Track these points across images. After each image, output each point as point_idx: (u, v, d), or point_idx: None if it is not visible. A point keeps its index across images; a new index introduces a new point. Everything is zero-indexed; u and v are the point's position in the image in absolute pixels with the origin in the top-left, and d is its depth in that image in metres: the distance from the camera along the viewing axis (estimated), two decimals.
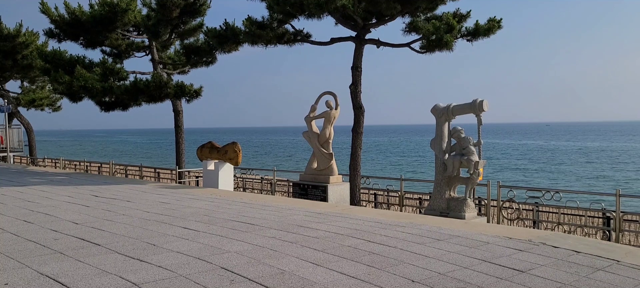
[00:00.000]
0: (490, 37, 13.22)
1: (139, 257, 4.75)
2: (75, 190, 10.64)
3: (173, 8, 15.57)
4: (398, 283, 3.97)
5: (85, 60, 17.04)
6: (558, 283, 3.99)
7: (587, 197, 14.29)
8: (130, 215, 7.26)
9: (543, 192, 9.92)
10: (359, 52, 13.05)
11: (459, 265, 4.48)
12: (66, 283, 3.91)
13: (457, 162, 9.14)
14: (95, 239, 5.57)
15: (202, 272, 4.22)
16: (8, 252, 4.95)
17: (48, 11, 16.63)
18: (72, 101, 16.86)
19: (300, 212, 7.51)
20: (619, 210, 8.85)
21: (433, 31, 12.53)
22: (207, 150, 12.44)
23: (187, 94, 16.18)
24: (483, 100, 8.98)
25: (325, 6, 11.54)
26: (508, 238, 5.66)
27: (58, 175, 15.11)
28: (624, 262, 4.65)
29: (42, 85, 25.53)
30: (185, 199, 9.17)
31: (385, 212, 8.64)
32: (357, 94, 12.88)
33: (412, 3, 12.28)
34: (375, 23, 13.33)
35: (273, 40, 13.20)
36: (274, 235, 5.76)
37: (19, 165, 22.33)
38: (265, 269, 4.31)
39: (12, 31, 21.90)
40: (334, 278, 4.08)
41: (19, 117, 25.38)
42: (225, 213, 7.42)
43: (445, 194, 9.35)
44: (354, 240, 5.52)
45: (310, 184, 11.79)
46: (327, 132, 11.83)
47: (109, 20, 15.61)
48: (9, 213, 7.48)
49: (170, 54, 19.00)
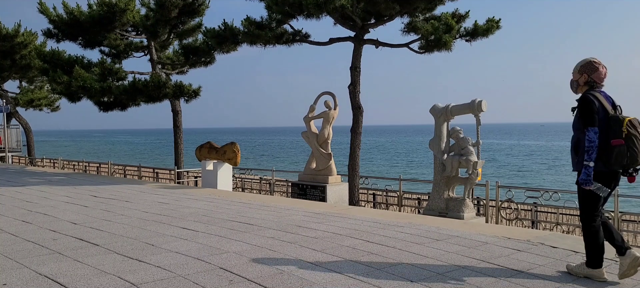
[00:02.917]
0: (488, 37, 13.24)
1: (137, 257, 4.75)
2: (73, 191, 10.63)
3: (172, 8, 15.55)
4: (397, 283, 3.97)
5: (84, 60, 17.01)
6: (557, 283, 4.00)
7: None
8: (129, 216, 7.26)
9: (541, 192, 9.94)
10: (358, 52, 13.05)
11: (458, 266, 4.49)
12: (65, 283, 3.91)
13: (455, 162, 9.15)
14: (94, 239, 5.57)
15: (201, 272, 4.22)
16: (6, 252, 4.95)
17: (46, 11, 16.60)
18: (71, 101, 16.82)
19: (299, 212, 7.51)
20: (617, 211, 8.86)
21: (432, 31, 12.55)
22: (206, 151, 12.44)
23: (185, 94, 16.15)
24: (482, 100, 8.99)
25: (324, 6, 11.54)
26: (507, 238, 5.67)
27: (56, 175, 15.09)
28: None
29: (41, 85, 25.49)
30: (184, 199, 9.16)
31: (384, 212, 8.64)
32: (356, 94, 12.88)
33: (411, 3, 12.29)
34: (374, 23, 13.34)
35: (272, 40, 13.19)
36: (272, 236, 5.76)
37: (18, 165, 22.30)
38: (264, 269, 4.31)
39: (11, 31, 21.86)
40: (333, 278, 4.08)
41: (17, 117, 25.34)
42: (224, 214, 7.42)
43: (444, 194, 9.36)
44: (353, 240, 5.53)
45: (309, 184, 11.79)
46: (326, 132, 11.84)
47: (108, 20, 15.58)
48: (7, 214, 7.47)
49: (169, 54, 18.98)
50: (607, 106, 4.07)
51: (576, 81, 4.29)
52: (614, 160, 3.94)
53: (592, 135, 3.96)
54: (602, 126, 4.01)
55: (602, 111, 4.04)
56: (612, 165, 3.96)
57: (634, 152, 3.91)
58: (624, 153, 3.90)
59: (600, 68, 4.19)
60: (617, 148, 3.92)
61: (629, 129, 3.94)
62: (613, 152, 3.93)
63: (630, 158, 3.92)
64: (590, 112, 4.01)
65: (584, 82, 4.23)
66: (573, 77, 4.33)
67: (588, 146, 3.97)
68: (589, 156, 3.96)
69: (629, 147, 3.91)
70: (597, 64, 4.20)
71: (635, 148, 3.92)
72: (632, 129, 3.94)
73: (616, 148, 3.92)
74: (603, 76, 4.20)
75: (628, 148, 3.91)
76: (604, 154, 3.98)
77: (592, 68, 4.19)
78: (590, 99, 4.06)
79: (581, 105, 4.11)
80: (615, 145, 3.92)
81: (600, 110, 4.03)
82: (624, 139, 3.92)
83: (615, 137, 3.94)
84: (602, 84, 4.23)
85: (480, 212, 10.45)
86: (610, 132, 3.97)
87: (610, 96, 4.20)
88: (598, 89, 4.20)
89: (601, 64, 4.21)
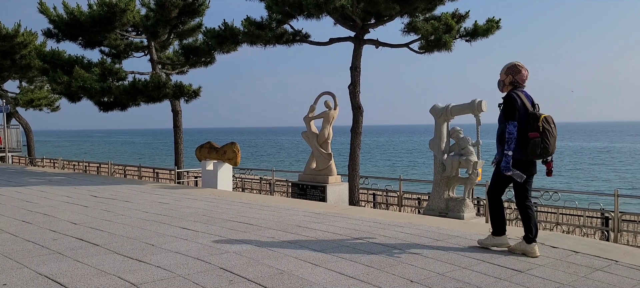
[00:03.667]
0: (488, 37, 13.24)
1: (137, 257, 4.75)
2: (73, 191, 10.63)
3: (172, 8, 15.55)
4: (397, 283, 3.97)
5: (84, 61, 17.01)
6: (557, 283, 4.00)
7: (586, 198, 14.31)
8: (129, 216, 7.26)
9: (541, 192, 9.94)
10: (358, 52, 13.05)
11: (457, 265, 4.49)
12: (65, 283, 3.91)
13: (456, 162, 9.15)
14: (94, 239, 5.57)
15: (201, 272, 4.22)
16: (6, 252, 4.95)
17: (47, 11, 16.60)
18: (71, 101, 16.82)
19: (299, 212, 7.51)
20: (618, 211, 8.87)
21: (432, 31, 12.55)
22: (206, 151, 12.44)
23: (185, 94, 16.15)
24: (482, 100, 8.99)
25: (324, 6, 11.54)
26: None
27: (56, 175, 15.10)
28: (623, 262, 4.66)
29: (41, 85, 25.49)
30: (184, 199, 9.16)
31: (384, 212, 8.64)
32: (356, 94, 12.88)
33: (411, 3, 12.29)
34: (374, 23, 13.34)
35: (272, 40, 13.19)
36: (272, 236, 5.76)
37: (18, 165, 22.30)
38: (264, 269, 4.31)
39: (11, 31, 21.85)
40: (333, 278, 4.08)
41: (17, 117, 25.34)
42: (224, 214, 7.42)
43: (444, 194, 9.36)
44: (353, 240, 5.53)
45: (309, 184, 11.79)
46: (326, 132, 11.84)
47: (108, 20, 15.58)
48: (7, 214, 7.47)
49: (169, 54, 18.98)
50: (527, 104, 4.75)
51: (503, 81, 4.95)
52: (529, 150, 4.63)
53: (511, 128, 4.66)
54: (521, 121, 4.69)
55: (523, 108, 4.72)
56: (528, 155, 4.67)
57: (546, 143, 4.63)
58: (538, 144, 4.60)
59: (523, 70, 4.87)
60: (533, 140, 4.61)
61: (544, 124, 4.63)
62: (529, 143, 4.62)
63: (543, 149, 4.62)
64: (512, 108, 4.71)
65: (509, 82, 4.91)
66: (500, 78, 4.98)
67: (508, 138, 4.67)
68: (508, 146, 4.67)
69: (543, 140, 4.61)
70: (520, 66, 4.88)
71: (548, 141, 4.64)
72: (546, 125, 4.64)
73: (532, 140, 4.62)
74: (525, 78, 4.89)
75: (542, 140, 4.60)
76: (522, 145, 4.68)
77: (516, 70, 4.87)
78: (514, 97, 4.76)
79: (505, 102, 4.79)
80: (532, 138, 4.62)
81: (521, 107, 4.71)
82: (540, 133, 4.61)
83: (532, 130, 4.63)
84: (524, 85, 4.90)
85: (481, 212, 10.45)
86: (528, 126, 4.65)
87: (530, 96, 4.86)
88: (521, 88, 4.87)
89: (524, 67, 4.89)
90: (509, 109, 4.73)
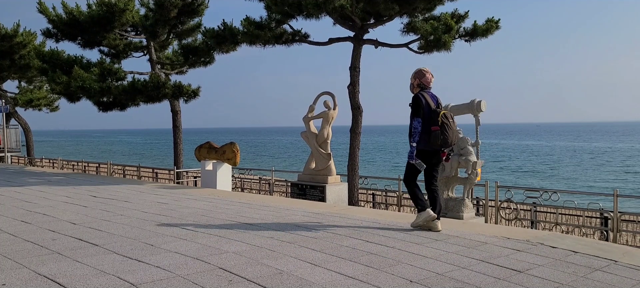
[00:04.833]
0: (488, 37, 13.24)
1: (137, 257, 4.74)
2: (73, 191, 10.63)
3: (171, 8, 15.54)
4: (396, 283, 3.97)
5: (83, 61, 16.98)
6: (556, 283, 4.00)
7: (585, 198, 14.31)
8: (128, 216, 7.25)
9: (541, 193, 9.94)
10: (357, 52, 13.04)
11: (457, 265, 4.49)
12: (64, 283, 3.91)
13: (455, 162, 9.15)
14: (93, 239, 5.56)
15: (200, 273, 4.21)
16: (5, 253, 4.94)
17: (46, 11, 16.59)
18: (70, 101, 16.81)
19: (299, 212, 7.51)
20: (617, 211, 8.87)
21: (431, 31, 12.54)
22: (205, 151, 12.43)
23: (185, 94, 16.15)
24: (481, 100, 8.99)
25: (324, 6, 11.54)
26: (506, 238, 5.67)
27: (56, 175, 15.09)
28: (622, 262, 4.66)
29: (40, 85, 25.47)
30: (183, 199, 9.16)
31: (383, 212, 8.64)
32: (355, 94, 12.88)
33: (410, 3, 12.28)
34: (373, 23, 13.33)
35: (271, 40, 13.18)
36: (272, 236, 5.76)
37: (17, 165, 22.29)
38: (263, 269, 4.31)
39: (10, 31, 21.83)
40: (332, 278, 4.08)
41: (16, 117, 25.32)
42: (224, 214, 7.42)
43: (444, 194, 9.36)
44: (352, 240, 5.53)
45: (309, 184, 11.79)
46: (326, 132, 11.83)
47: (107, 20, 15.57)
48: (6, 214, 7.47)
49: (168, 54, 18.97)
50: (431, 103, 5.79)
51: (412, 84, 6.00)
52: (432, 140, 5.69)
53: (416, 123, 5.72)
54: (426, 117, 5.71)
55: (427, 107, 5.75)
56: (431, 145, 5.72)
57: (445, 135, 5.66)
58: (438, 136, 5.64)
59: (427, 75, 5.96)
60: (434, 132, 5.66)
61: (443, 119, 5.67)
62: (431, 135, 5.68)
63: (442, 140, 5.66)
64: (418, 107, 5.76)
65: (417, 85, 5.96)
66: (411, 81, 6.02)
67: (413, 131, 5.72)
68: (413, 138, 5.72)
69: (442, 132, 5.64)
70: (425, 71, 5.96)
71: (446, 133, 5.66)
72: (445, 120, 5.68)
73: (433, 132, 5.67)
74: (429, 80, 5.95)
75: (441, 132, 5.64)
76: (426, 136, 5.72)
77: (421, 74, 5.96)
78: (419, 97, 5.80)
79: (412, 102, 5.83)
80: (433, 131, 5.67)
81: (425, 106, 5.75)
82: (439, 126, 5.64)
83: (434, 125, 5.67)
84: (429, 86, 5.96)
85: (480, 212, 10.45)
86: (431, 122, 5.70)
87: (436, 96, 5.90)
88: (427, 90, 5.92)
89: (428, 72, 5.97)
90: (415, 108, 5.77)
